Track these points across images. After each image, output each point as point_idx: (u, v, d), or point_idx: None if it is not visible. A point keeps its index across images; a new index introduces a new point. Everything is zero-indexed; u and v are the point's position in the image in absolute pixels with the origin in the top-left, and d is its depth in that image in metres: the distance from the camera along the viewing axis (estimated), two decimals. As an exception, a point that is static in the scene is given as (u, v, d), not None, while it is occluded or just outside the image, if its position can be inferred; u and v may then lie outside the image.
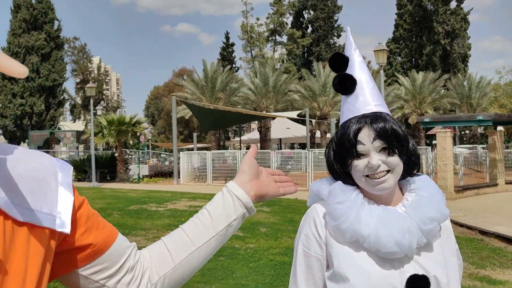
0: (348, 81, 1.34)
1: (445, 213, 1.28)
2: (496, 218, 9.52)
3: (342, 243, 1.26)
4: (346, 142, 1.27)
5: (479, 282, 5.41)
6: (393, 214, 1.24)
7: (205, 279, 5.25)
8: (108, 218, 9.30)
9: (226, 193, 1.06)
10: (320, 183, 1.38)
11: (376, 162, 1.22)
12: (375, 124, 1.24)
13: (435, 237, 1.27)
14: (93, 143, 20.69)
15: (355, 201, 1.26)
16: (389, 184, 1.23)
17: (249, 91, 31.31)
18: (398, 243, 1.20)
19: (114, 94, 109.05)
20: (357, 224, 1.22)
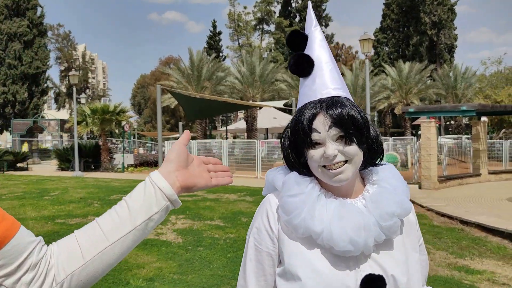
0: (304, 62, 1.22)
1: (407, 207, 1.18)
2: (477, 208, 9.57)
3: (295, 239, 1.17)
4: (300, 130, 1.17)
5: (457, 272, 5.41)
6: (349, 209, 1.15)
7: (181, 269, 5.16)
8: (88, 208, 9.17)
9: (148, 184, 0.96)
10: (276, 172, 1.28)
11: (332, 152, 1.12)
12: (331, 110, 1.13)
13: (396, 233, 1.17)
14: (76, 132, 20.38)
15: (310, 194, 1.17)
16: (347, 176, 1.14)
17: (235, 80, 31.10)
18: (352, 241, 1.11)
19: (100, 82, 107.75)
20: (310, 219, 1.13)
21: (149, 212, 0.93)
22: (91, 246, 0.88)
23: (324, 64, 1.22)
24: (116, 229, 0.90)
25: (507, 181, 15.12)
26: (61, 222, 7.68)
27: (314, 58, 1.22)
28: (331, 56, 1.24)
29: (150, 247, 6.13)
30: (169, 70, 33.03)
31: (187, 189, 1.01)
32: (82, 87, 51.47)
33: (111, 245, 0.89)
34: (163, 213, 0.96)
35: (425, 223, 8.23)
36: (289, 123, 1.24)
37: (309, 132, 1.14)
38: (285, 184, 1.20)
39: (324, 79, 1.20)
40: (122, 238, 0.90)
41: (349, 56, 59.37)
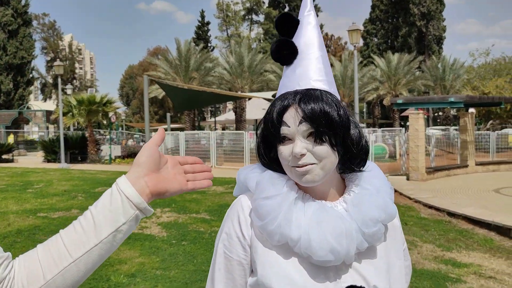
0: (286, 49, 1.09)
1: (392, 212, 1.08)
2: (464, 199, 9.57)
3: (269, 247, 1.05)
4: (269, 122, 1.05)
5: (444, 265, 5.37)
6: (330, 214, 1.03)
7: (164, 265, 5.04)
8: (72, 201, 9.00)
9: (115, 192, 0.86)
10: (249, 171, 1.14)
11: (299, 150, 0.99)
12: (304, 103, 1.01)
13: (379, 240, 1.06)
14: (62, 123, 20.07)
15: (286, 196, 1.04)
16: (313, 178, 1.01)
17: (224, 70, 30.85)
18: (332, 250, 0.99)
19: (88, 73, 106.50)
20: (287, 225, 1.01)
21: (116, 223, 0.84)
22: (53, 263, 0.81)
23: (310, 52, 1.09)
24: (79, 243, 0.82)
25: (494, 173, 15.21)
26: (43, 216, 7.51)
27: (300, 45, 1.09)
28: (322, 44, 1.11)
29: (133, 241, 6.00)
30: (157, 61, 32.64)
31: (158, 195, 0.91)
32: (68, 77, 50.75)
33: (74, 261, 0.81)
34: (132, 223, 0.86)
35: (412, 215, 8.20)
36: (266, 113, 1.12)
37: (278, 125, 1.03)
38: (259, 185, 1.07)
39: (306, 68, 1.08)
40: (86, 253, 0.82)
41: (338, 47, 59.31)
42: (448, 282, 4.76)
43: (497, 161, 16.58)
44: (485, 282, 4.83)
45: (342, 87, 33.05)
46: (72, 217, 7.40)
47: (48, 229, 6.58)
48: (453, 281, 4.80)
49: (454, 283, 4.72)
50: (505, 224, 7.04)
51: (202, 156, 19.39)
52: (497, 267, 5.40)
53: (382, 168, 4.94)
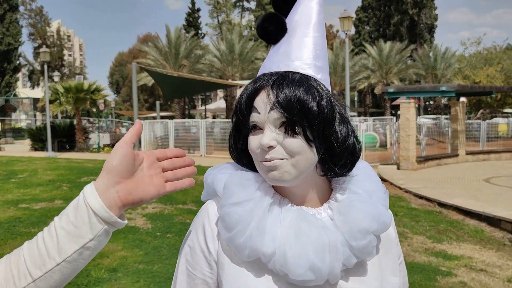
0: (273, 24, 0.91)
1: (386, 221, 0.89)
2: (455, 189, 9.51)
3: (238, 263, 0.87)
4: (238, 106, 0.88)
5: (435, 258, 5.26)
6: (311, 223, 0.85)
7: (147, 258, 4.88)
8: (56, 191, 8.79)
9: (81, 204, 0.76)
10: (218, 171, 0.96)
11: (267, 141, 0.82)
12: (277, 86, 0.83)
13: (370, 254, 0.88)
14: (48, 111, 19.70)
15: (259, 202, 0.86)
16: (282, 175, 0.84)
17: (214, 58, 30.53)
18: (313, 267, 0.82)
19: (77, 60, 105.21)
20: (259, 237, 0.83)
21: (82, 240, 0.74)
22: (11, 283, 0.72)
23: (301, 31, 0.91)
24: (40, 262, 0.73)
25: (484, 162, 15.21)
26: (24, 207, 7.29)
27: (291, 23, 0.91)
28: (319, 24, 0.93)
29: (116, 233, 5.82)
30: (147, 48, 32.22)
31: (132, 205, 0.80)
32: (57, 64, 49.97)
33: (33, 281, 0.72)
34: (102, 237, 0.77)
35: (403, 206, 8.11)
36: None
37: (247, 111, 0.86)
38: (227, 188, 0.89)
39: (289, 48, 0.90)
40: (47, 273, 0.73)
41: (330, 35, 59.01)
42: (439, 275, 4.66)
43: (487, 150, 16.58)
44: (476, 275, 4.73)
45: (334, 75, 32.90)
46: (55, 208, 7.21)
47: (29, 221, 6.38)
48: (444, 274, 4.69)
49: (444, 277, 4.62)
50: (495, 215, 6.96)
51: (191, 145, 19.19)
52: (488, 259, 5.32)
53: (372, 157, 4.77)
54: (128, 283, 4.20)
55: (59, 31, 54.42)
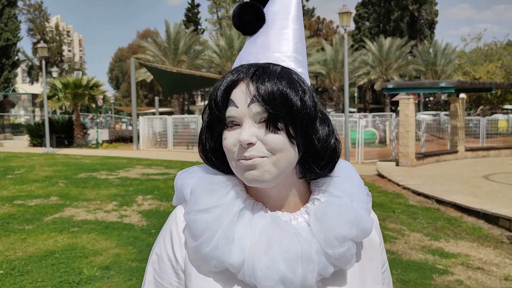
0: (250, 14, 0.85)
1: (367, 227, 0.83)
2: (453, 186, 9.45)
3: (205, 273, 0.82)
4: (213, 100, 0.81)
5: (431, 256, 5.21)
6: (283, 230, 0.79)
7: (141, 256, 4.82)
8: (51, 187, 8.73)
9: None
10: (187, 174, 0.90)
11: (247, 137, 0.76)
12: (258, 78, 0.78)
13: (349, 263, 0.82)
14: (47, 107, 19.61)
15: (229, 207, 0.80)
16: (263, 175, 0.78)
17: (213, 54, 30.43)
18: (284, 279, 0.76)
19: (76, 55, 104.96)
20: (226, 246, 0.78)
21: None
22: None
23: (280, 23, 0.85)
24: None
25: (484, 158, 15.14)
26: (19, 204, 7.24)
27: (268, 13, 0.86)
28: (298, 16, 0.87)
29: (111, 231, 5.78)
30: (146, 43, 32.11)
31: None
32: (56, 60, 49.82)
33: None
34: None
35: (400, 203, 8.06)
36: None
37: (224, 105, 0.79)
38: (193, 193, 0.83)
39: (268, 39, 0.85)
40: None
41: (330, 30, 58.80)
42: (435, 273, 4.60)
43: (487, 146, 16.52)
44: (473, 274, 4.68)
45: (333, 71, 32.80)
46: (50, 204, 7.16)
47: (23, 218, 6.32)
48: (440, 272, 4.64)
49: (441, 275, 4.57)
50: (493, 212, 6.91)
51: (190, 141, 19.16)
52: (485, 257, 5.26)
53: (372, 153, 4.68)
54: (120, 281, 4.15)
55: (58, 27, 54.25)
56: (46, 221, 6.21)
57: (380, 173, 11.23)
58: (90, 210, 6.84)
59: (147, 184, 9.14)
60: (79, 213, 6.69)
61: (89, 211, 6.78)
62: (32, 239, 5.39)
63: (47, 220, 6.27)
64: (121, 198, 7.65)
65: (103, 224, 6.09)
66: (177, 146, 19.36)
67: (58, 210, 6.82)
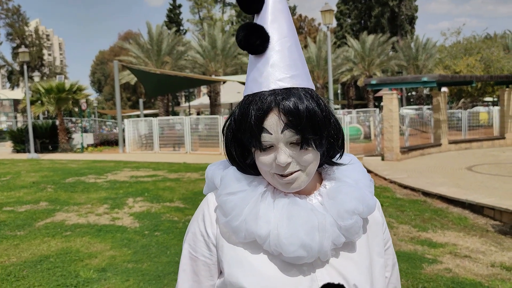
0: (256, 37, 0.94)
1: (371, 204, 1.00)
2: (439, 178, 9.65)
3: (236, 244, 0.98)
4: (247, 128, 0.93)
5: (420, 246, 5.36)
6: (301, 207, 0.95)
7: (136, 257, 4.87)
8: (40, 193, 8.68)
9: None
10: (216, 167, 1.07)
11: (285, 160, 0.91)
12: (286, 107, 0.90)
13: (357, 234, 0.98)
14: (30, 112, 19.38)
15: (253, 191, 0.96)
16: (300, 185, 0.95)
17: (197, 54, 30.37)
18: (304, 245, 0.91)
19: (57, 59, 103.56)
20: (253, 221, 0.93)
21: None
22: None
23: (282, 40, 0.95)
24: None
25: (466, 150, 15.45)
26: (9, 210, 7.19)
27: (269, 30, 0.95)
28: (292, 26, 0.98)
29: (104, 233, 5.80)
30: (128, 45, 31.88)
31: None
32: (36, 64, 49.11)
33: None
34: None
35: (388, 196, 8.21)
36: (234, 112, 0.99)
37: (259, 133, 0.92)
38: (223, 180, 1.00)
39: (280, 63, 0.95)
40: None
41: (312, 28, 59.09)
42: (425, 263, 4.74)
43: (469, 139, 16.85)
44: (461, 262, 4.83)
45: (317, 68, 32.99)
46: (40, 210, 7.13)
47: (14, 224, 6.30)
48: (430, 262, 4.78)
49: (430, 264, 4.71)
50: (478, 202, 7.10)
51: (176, 142, 19.12)
52: (472, 246, 5.43)
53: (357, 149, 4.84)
54: (117, 283, 4.20)
55: (37, 30, 53.44)
56: (38, 226, 6.20)
57: (366, 168, 11.35)
58: (82, 214, 6.84)
59: (136, 186, 9.15)
60: (70, 217, 6.68)
61: (80, 215, 6.78)
62: (25, 245, 5.38)
63: (38, 225, 6.26)
64: (111, 201, 7.65)
65: (95, 227, 6.11)
66: (164, 148, 19.30)
67: (49, 215, 6.80)
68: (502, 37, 34.06)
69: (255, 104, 0.92)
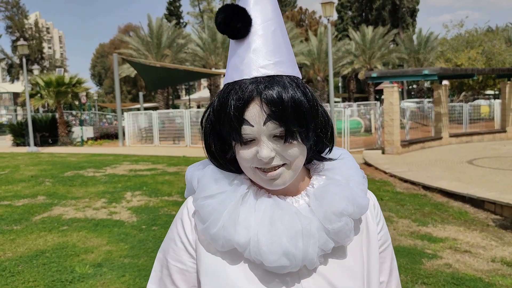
0: (237, 19, 0.85)
1: (362, 203, 0.89)
2: (439, 172, 9.59)
3: (214, 253, 0.89)
4: (226, 120, 0.83)
5: (420, 241, 5.30)
6: (284, 210, 0.85)
7: (133, 252, 4.82)
8: (39, 186, 8.64)
9: None
10: (195, 168, 0.96)
11: (267, 154, 0.82)
12: (269, 97, 0.80)
13: (348, 238, 0.88)
14: (29, 105, 19.32)
15: (233, 193, 0.87)
16: (284, 181, 0.85)
17: (197, 47, 30.24)
18: (287, 253, 0.82)
19: (57, 52, 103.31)
20: (232, 227, 0.84)
21: None
22: None
23: (266, 24, 0.86)
24: None
25: (467, 144, 15.37)
26: (6, 205, 7.15)
27: (251, 12, 0.85)
28: (277, 9, 0.88)
29: (101, 228, 5.75)
30: (128, 38, 31.75)
31: None
32: (36, 57, 48.98)
33: None
34: None
35: (388, 190, 8.16)
36: (214, 101, 0.89)
37: (239, 125, 0.82)
38: (200, 182, 0.90)
39: (262, 48, 0.85)
40: None
41: (313, 21, 58.78)
42: (424, 258, 4.69)
43: (470, 132, 16.77)
44: (461, 257, 4.78)
45: (317, 61, 32.84)
46: (37, 204, 7.09)
47: (10, 218, 6.25)
48: (429, 257, 4.73)
49: (430, 259, 4.65)
50: (479, 196, 7.04)
51: (176, 136, 19.07)
52: (472, 240, 5.38)
53: (357, 142, 4.74)
54: (113, 278, 4.15)
55: (37, 23, 53.22)
56: (34, 220, 6.16)
57: (366, 162, 11.34)
58: (79, 208, 6.79)
59: (135, 180, 9.10)
60: (67, 211, 6.64)
61: (78, 209, 6.74)
62: (22, 239, 5.34)
63: (35, 219, 6.21)
64: (109, 195, 7.60)
65: (92, 221, 6.06)
66: (163, 141, 19.26)
67: (46, 209, 6.76)
68: (504, 30, 33.86)
69: (235, 93, 0.82)
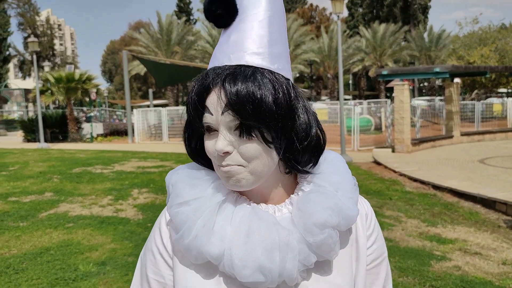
0: (221, 6, 0.79)
1: (350, 214, 0.80)
2: (450, 171, 9.44)
3: (189, 266, 0.82)
4: (191, 104, 0.78)
5: (429, 242, 5.20)
6: (262, 220, 0.77)
7: (137, 251, 4.78)
8: (46, 183, 8.66)
9: None
10: (174, 171, 0.89)
11: (222, 147, 0.74)
12: (228, 85, 0.73)
13: (333, 251, 0.79)
14: (39, 101, 19.44)
15: (209, 199, 0.79)
16: (240, 182, 0.77)
17: (207, 44, 30.23)
18: (262, 268, 0.75)
19: (68, 49, 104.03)
20: (205, 237, 0.77)
21: None
22: None
23: (253, 13, 0.79)
24: None
25: (479, 143, 15.16)
26: (14, 201, 7.17)
27: (241, 1, 0.79)
28: (274, 1, 0.81)
29: (107, 225, 5.73)
30: (138, 35, 31.83)
31: None
32: (47, 54, 49.36)
33: None
34: None
35: (397, 189, 8.05)
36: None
37: (200, 111, 0.77)
38: (175, 187, 0.83)
39: (241, 36, 0.78)
40: None
41: (324, 18, 58.50)
42: (433, 260, 4.59)
43: (482, 131, 16.52)
44: (471, 259, 4.67)
45: (328, 59, 32.68)
46: (44, 200, 7.09)
47: (17, 215, 6.26)
48: (438, 259, 4.63)
49: (439, 261, 4.56)
50: (490, 196, 6.91)
51: (185, 133, 19.06)
52: (483, 242, 5.26)
53: (367, 140, 4.62)
54: (116, 277, 4.12)
55: (49, 20, 53.62)
56: (41, 217, 6.16)
57: (376, 160, 11.22)
58: (85, 205, 6.78)
59: (142, 177, 9.09)
60: (74, 208, 6.63)
61: (84, 206, 6.73)
62: (27, 236, 5.34)
63: (42, 216, 6.21)
64: (116, 192, 7.59)
65: (98, 219, 6.05)
66: (173, 138, 19.28)
67: (53, 206, 6.76)
68: (518, 27, 33.31)
69: (201, 78, 0.77)
